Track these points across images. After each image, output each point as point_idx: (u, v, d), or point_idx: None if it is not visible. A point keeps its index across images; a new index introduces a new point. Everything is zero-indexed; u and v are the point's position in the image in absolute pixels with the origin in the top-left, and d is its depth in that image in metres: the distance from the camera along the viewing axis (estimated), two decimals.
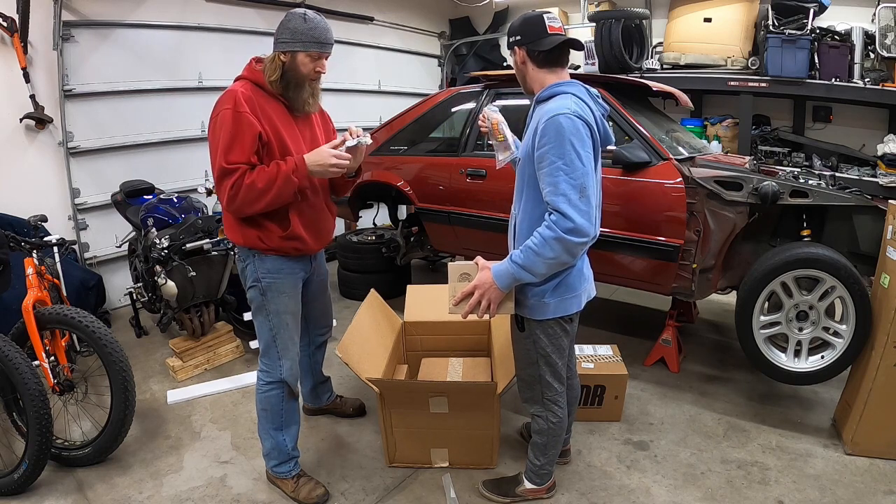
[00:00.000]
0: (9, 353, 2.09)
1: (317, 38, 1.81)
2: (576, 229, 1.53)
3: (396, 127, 3.82)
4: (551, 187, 1.56)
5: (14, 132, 3.51)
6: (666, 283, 2.78)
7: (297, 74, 1.84)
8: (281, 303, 2.00)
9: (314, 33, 1.80)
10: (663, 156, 2.71)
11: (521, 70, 1.76)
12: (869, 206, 2.45)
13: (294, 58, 1.81)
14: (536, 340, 1.81)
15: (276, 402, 2.06)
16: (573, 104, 1.60)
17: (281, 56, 1.82)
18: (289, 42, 1.80)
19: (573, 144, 1.55)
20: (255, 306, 2.03)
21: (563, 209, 1.53)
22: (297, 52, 1.81)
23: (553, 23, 1.68)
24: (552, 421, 1.92)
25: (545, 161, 1.58)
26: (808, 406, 2.72)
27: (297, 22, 1.80)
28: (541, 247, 1.57)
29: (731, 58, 4.79)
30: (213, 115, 1.82)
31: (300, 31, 1.79)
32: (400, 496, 2.14)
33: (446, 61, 6.67)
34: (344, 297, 4.26)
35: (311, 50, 1.81)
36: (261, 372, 2.07)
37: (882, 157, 4.35)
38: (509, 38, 1.75)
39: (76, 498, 2.15)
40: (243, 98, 1.78)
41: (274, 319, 2.00)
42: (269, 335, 2.02)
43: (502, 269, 1.66)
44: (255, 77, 1.86)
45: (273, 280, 1.97)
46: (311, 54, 1.82)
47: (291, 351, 2.06)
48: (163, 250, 2.93)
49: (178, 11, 4.24)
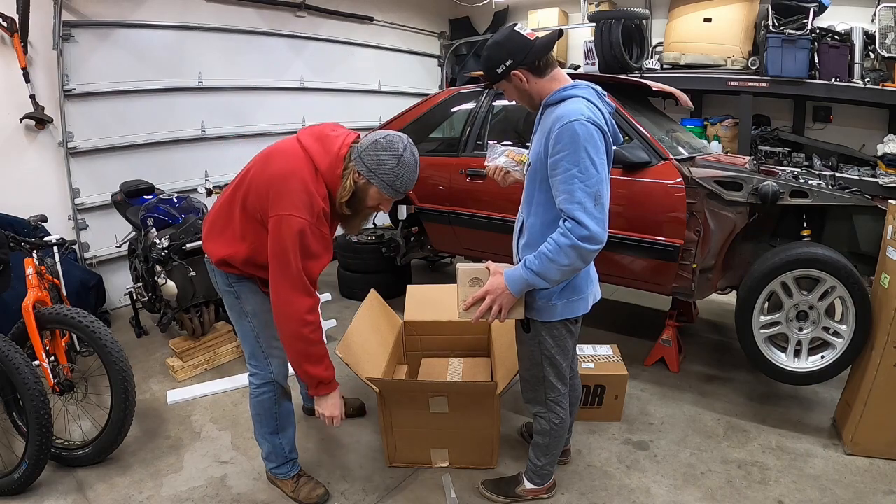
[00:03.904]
0: (9, 353, 2.09)
1: (398, 187, 1.73)
2: (591, 237, 1.53)
3: (396, 127, 3.82)
4: (566, 195, 1.55)
5: (14, 132, 3.51)
6: (666, 283, 2.78)
7: (362, 202, 1.77)
8: (256, 302, 1.93)
9: (398, 182, 1.72)
10: (663, 156, 2.71)
11: (526, 90, 1.68)
12: (869, 206, 2.45)
13: (368, 187, 1.74)
14: (542, 342, 1.81)
15: (268, 405, 2.03)
16: (586, 109, 1.58)
17: (357, 177, 1.72)
18: (372, 172, 1.70)
19: (588, 151, 1.53)
20: (234, 312, 1.98)
21: (578, 217, 1.52)
22: (373, 185, 1.73)
23: (526, 31, 1.66)
24: (554, 422, 1.92)
25: (560, 168, 1.56)
26: (808, 406, 2.72)
27: (391, 158, 1.69)
28: (556, 254, 1.56)
29: (731, 58, 4.79)
30: (285, 192, 1.65)
31: (388, 171, 1.69)
32: (400, 496, 2.14)
33: (446, 61, 6.67)
34: (344, 297, 4.26)
35: (386, 192, 1.74)
36: (251, 376, 2.04)
37: (882, 157, 4.35)
38: (496, 70, 1.64)
39: (76, 498, 2.15)
40: (323, 214, 1.69)
41: (253, 320, 1.95)
42: (251, 337, 1.97)
43: (516, 275, 1.64)
44: (333, 182, 1.72)
45: (245, 281, 1.91)
46: (385, 195, 1.76)
47: (276, 349, 1.97)
48: (163, 250, 2.93)
49: (178, 11, 4.23)
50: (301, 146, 1.72)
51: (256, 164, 1.83)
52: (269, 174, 1.69)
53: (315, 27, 5.26)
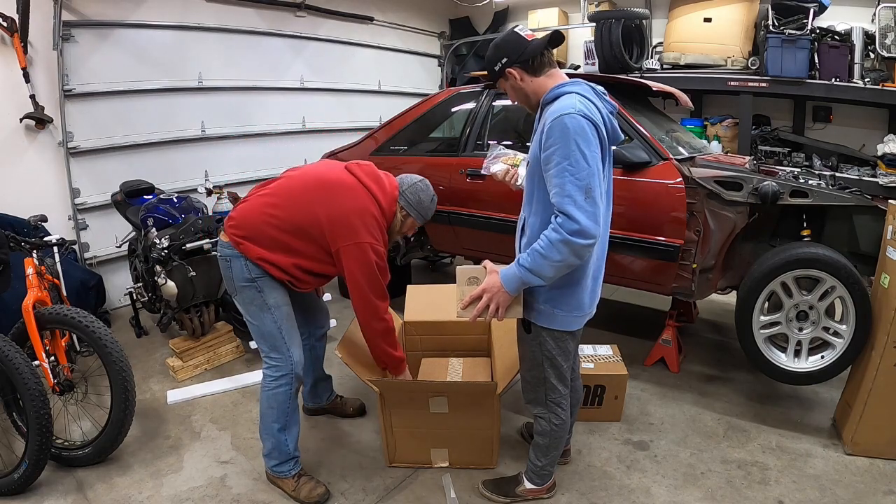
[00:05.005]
0: (9, 353, 2.09)
1: (426, 216, 2.18)
2: (581, 231, 1.51)
3: (396, 127, 3.82)
4: (557, 188, 1.55)
5: (14, 132, 3.51)
6: (666, 283, 2.78)
7: (397, 229, 2.17)
8: (278, 295, 2.05)
9: (428, 214, 2.18)
10: (663, 156, 2.71)
11: (522, 89, 1.71)
12: (869, 206, 2.45)
13: (407, 218, 2.15)
14: (543, 343, 1.81)
15: (284, 398, 2.06)
16: (578, 103, 1.58)
17: (401, 212, 2.13)
18: (413, 207, 2.13)
19: (578, 144, 1.53)
20: (255, 306, 2.04)
21: (568, 211, 1.52)
22: (410, 217, 2.15)
23: (525, 32, 1.68)
24: (555, 423, 1.92)
25: (551, 162, 1.56)
26: (808, 406, 2.72)
27: (427, 196, 2.15)
28: (547, 250, 1.55)
29: (731, 58, 4.80)
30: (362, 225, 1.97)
31: (425, 206, 2.15)
32: (400, 496, 2.14)
33: (446, 61, 6.67)
34: (344, 298, 4.25)
35: (419, 221, 2.19)
36: (269, 369, 2.07)
37: (882, 157, 4.35)
38: (493, 68, 1.71)
39: (76, 498, 2.15)
40: (383, 252, 2.04)
41: (276, 312, 2.04)
42: (274, 329, 2.04)
43: (510, 273, 1.65)
44: (390, 217, 2.09)
45: (268, 276, 2.02)
46: (415, 223, 2.19)
47: (297, 339, 2.11)
48: (163, 250, 2.93)
49: (178, 11, 4.24)
50: (363, 185, 2.04)
51: (314, 191, 2.02)
52: (346, 209, 1.98)
53: (315, 27, 5.26)
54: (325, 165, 2.20)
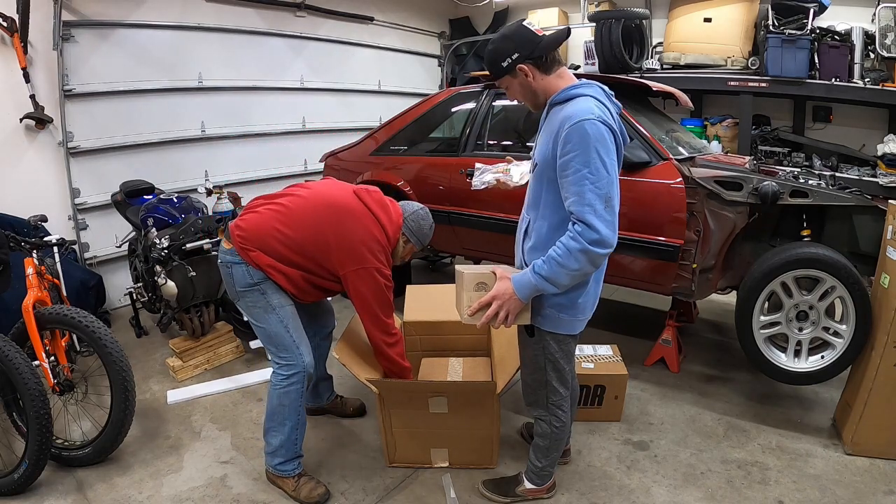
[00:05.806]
0: (9, 353, 2.09)
1: (423, 242, 2.28)
2: (601, 241, 1.49)
3: (396, 127, 3.82)
4: (576, 197, 1.51)
5: (14, 132, 3.51)
6: (666, 283, 2.78)
7: (399, 255, 2.24)
8: (281, 296, 2.07)
9: (426, 239, 2.28)
10: (663, 156, 2.71)
11: (530, 87, 1.65)
12: (869, 206, 2.45)
13: (406, 244, 2.24)
14: (546, 346, 1.79)
15: (295, 395, 2.07)
16: (596, 108, 1.53)
17: (402, 238, 2.21)
18: (413, 234, 2.22)
19: (599, 152, 1.49)
20: (259, 308, 2.04)
21: (588, 220, 1.49)
22: (410, 242, 2.24)
23: (535, 27, 1.65)
24: (556, 425, 1.91)
25: (570, 169, 1.51)
26: (808, 406, 2.72)
27: (426, 224, 2.25)
28: (566, 258, 1.52)
29: (731, 58, 4.80)
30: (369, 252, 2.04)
31: (424, 233, 2.25)
32: (400, 496, 2.14)
33: (446, 61, 6.68)
34: (344, 298, 4.23)
35: (418, 247, 2.28)
36: (279, 368, 2.07)
37: (882, 157, 4.35)
38: (501, 63, 1.62)
39: (76, 498, 2.15)
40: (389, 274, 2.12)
41: (281, 312, 2.06)
42: (280, 329, 2.05)
43: (524, 281, 1.60)
44: (394, 243, 2.17)
45: (270, 279, 2.04)
46: (414, 249, 2.28)
47: (305, 336, 2.12)
48: (163, 250, 2.93)
49: (178, 11, 4.24)
50: (371, 212, 2.10)
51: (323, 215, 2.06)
52: (355, 238, 2.04)
53: (315, 27, 5.26)
54: (335, 187, 2.20)
